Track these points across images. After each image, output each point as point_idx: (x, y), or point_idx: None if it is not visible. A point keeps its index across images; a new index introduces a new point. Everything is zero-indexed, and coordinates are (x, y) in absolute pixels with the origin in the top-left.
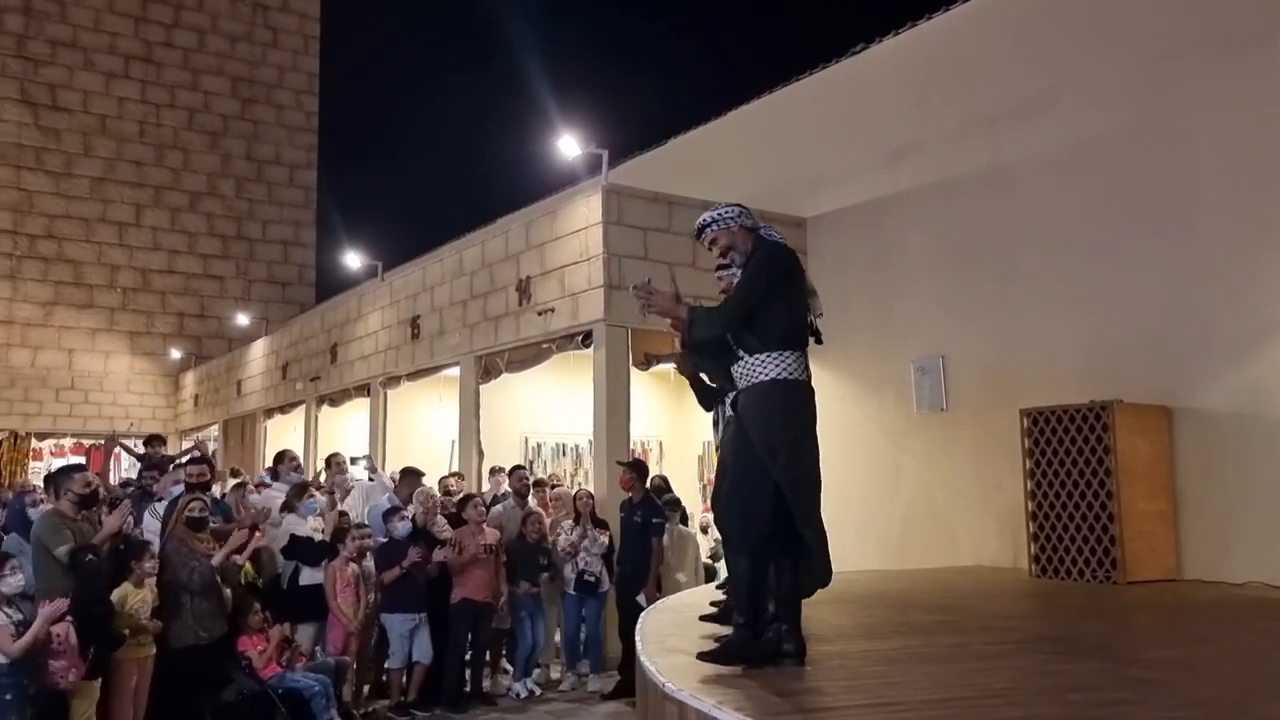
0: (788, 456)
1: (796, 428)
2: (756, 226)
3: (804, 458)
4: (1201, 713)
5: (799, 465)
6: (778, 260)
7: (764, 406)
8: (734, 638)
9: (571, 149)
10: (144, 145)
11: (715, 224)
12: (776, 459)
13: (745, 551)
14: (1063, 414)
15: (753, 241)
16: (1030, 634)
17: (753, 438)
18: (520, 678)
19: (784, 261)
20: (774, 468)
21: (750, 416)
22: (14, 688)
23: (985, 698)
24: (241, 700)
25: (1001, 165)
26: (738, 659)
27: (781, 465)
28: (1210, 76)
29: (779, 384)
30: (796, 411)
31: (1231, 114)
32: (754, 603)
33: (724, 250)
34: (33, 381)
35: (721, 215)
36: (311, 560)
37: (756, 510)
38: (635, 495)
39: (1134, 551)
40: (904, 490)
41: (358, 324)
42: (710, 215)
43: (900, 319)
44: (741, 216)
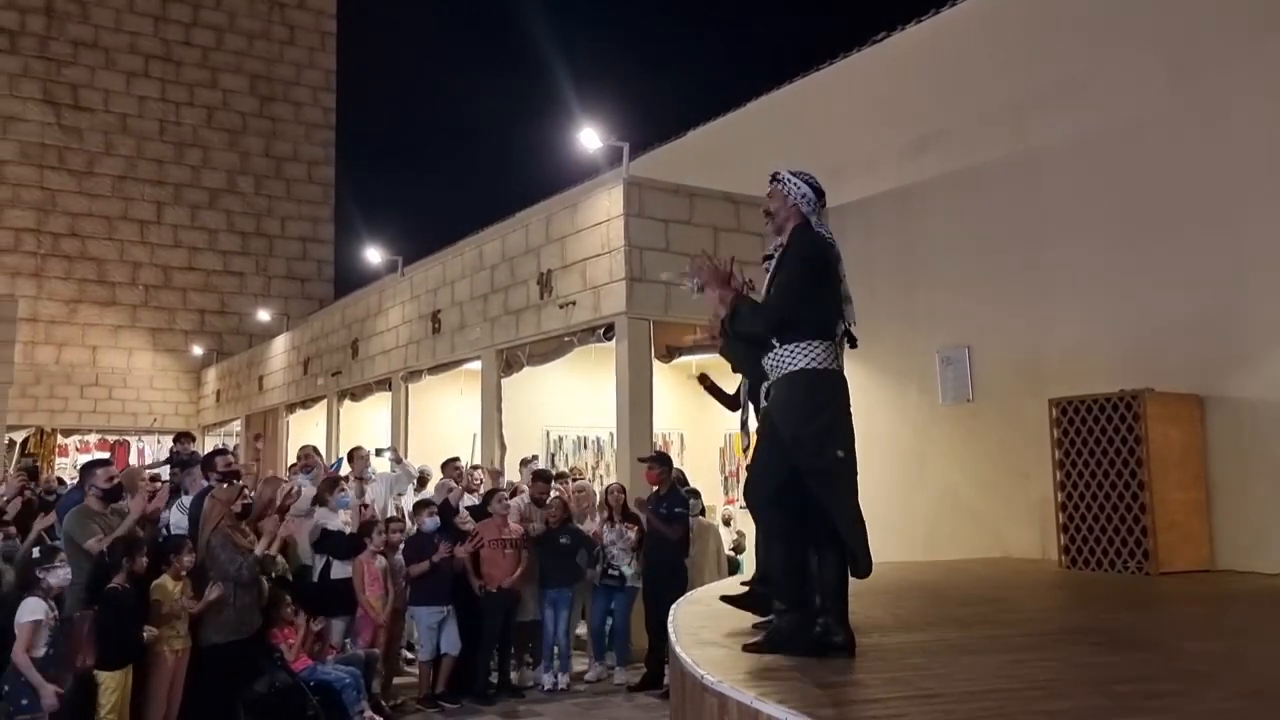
0: (815, 447)
1: (825, 419)
2: (808, 215)
3: (831, 448)
4: (1255, 705)
5: (825, 455)
6: (814, 258)
7: (791, 397)
8: (779, 624)
9: (592, 141)
10: (164, 143)
11: (779, 184)
12: (804, 450)
13: (778, 538)
14: (1092, 404)
15: (793, 230)
16: (1067, 625)
17: (779, 429)
18: (547, 670)
19: (820, 259)
20: (802, 459)
21: (777, 407)
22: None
23: (1029, 689)
24: (274, 692)
25: (1029, 152)
26: (783, 647)
27: (809, 456)
28: (1242, 59)
29: (806, 374)
30: (825, 402)
31: (1265, 97)
32: (793, 587)
33: (768, 211)
34: (58, 378)
35: (788, 184)
36: (342, 553)
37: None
38: (662, 488)
39: (1166, 542)
40: (930, 482)
41: (378, 319)
42: (785, 175)
43: (925, 309)
44: (804, 200)
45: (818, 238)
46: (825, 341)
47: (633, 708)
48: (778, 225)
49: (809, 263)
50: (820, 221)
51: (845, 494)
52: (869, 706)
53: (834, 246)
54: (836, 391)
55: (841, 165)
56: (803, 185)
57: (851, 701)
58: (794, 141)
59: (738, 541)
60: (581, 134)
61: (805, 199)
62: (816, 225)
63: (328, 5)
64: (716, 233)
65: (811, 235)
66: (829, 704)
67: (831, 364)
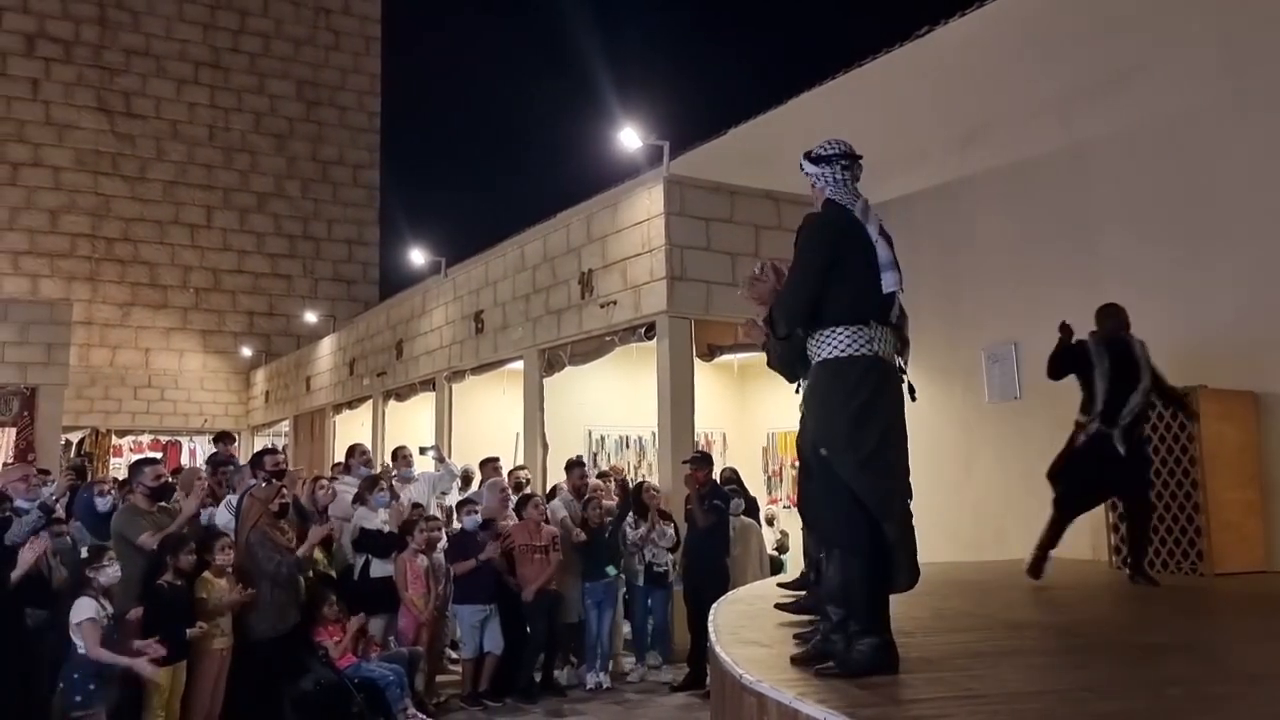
0: (845, 444)
1: (851, 411)
2: (824, 191)
3: (863, 445)
4: None
5: (858, 453)
6: (819, 233)
7: (815, 393)
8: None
9: (632, 141)
10: (213, 149)
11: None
12: (835, 447)
13: (845, 548)
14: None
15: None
16: (1117, 626)
17: (811, 428)
18: (590, 669)
19: (828, 228)
20: (834, 458)
21: (806, 405)
22: (97, 678)
23: (1077, 690)
24: (319, 690)
25: (1076, 146)
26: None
27: (839, 454)
28: None
29: (827, 365)
30: (850, 393)
31: None
32: (873, 608)
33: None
34: (112, 380)
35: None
36: (382, 552)
37: (843, 503)
38: (704, 488)
39: (1221, 543)
40: (976, 481)
41: (422, 319)
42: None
43: (970, 306)
44: (819, 178)
45: (823, 213)
46: (850, 326)
47: (675, 707)
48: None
49: (811, 240)
50: (843, 187)
51: (890, 494)
52: (911, 707)
53: (850, 212)
54: (863, 378)
55: (884, 162)
56: (808, 165)
57: (893, 702)
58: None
59: (781, 541)
60: (622, 133)
61: (815, 175)
62: (840, 195)
63: (372, 10)
64: (758, 231)
65: (816, 215)
66: (870, 704)
67: (860, 349)
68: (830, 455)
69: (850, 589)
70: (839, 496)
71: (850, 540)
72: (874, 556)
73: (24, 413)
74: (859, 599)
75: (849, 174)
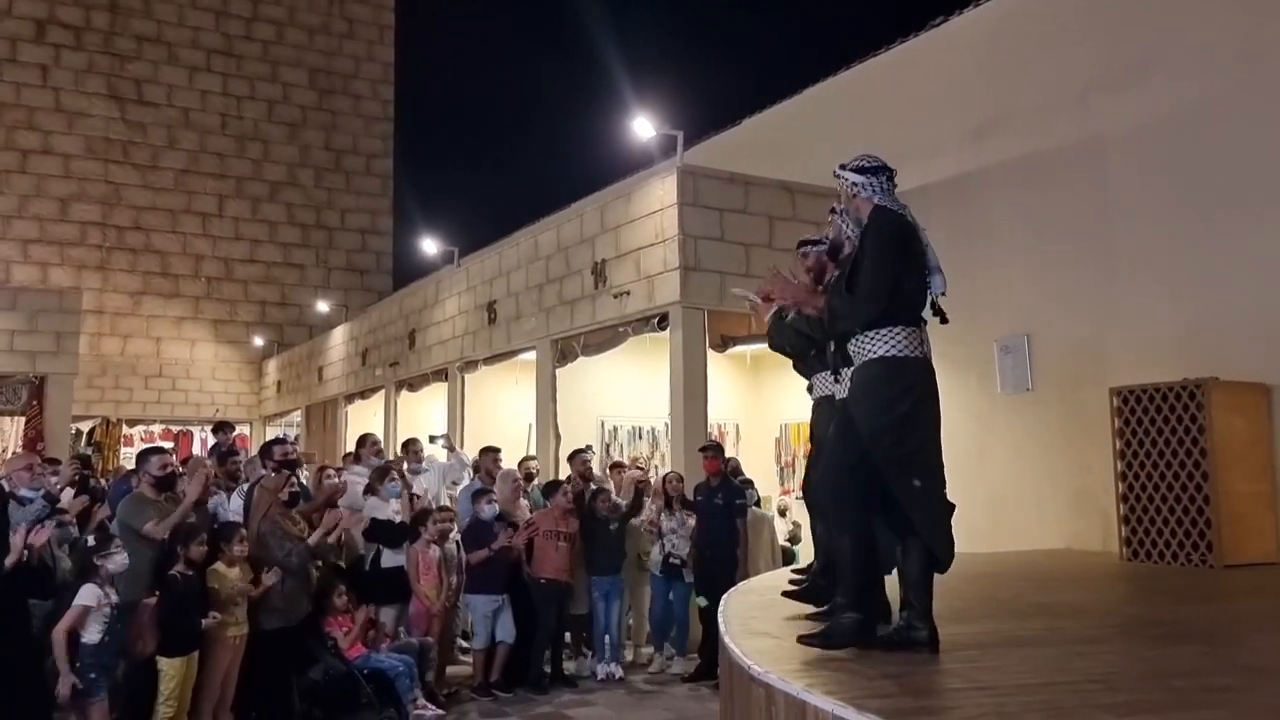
0: (892, 438)
1: (904, 408)
2: (871, 198)
3: (909, 438)
4: None
5: (904, 446)
6: (890, 230)
7: (869, 387)
8: (839, 622)
9: (646, 131)
10: (226, 137)
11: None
12: (880, 442)
13: (850, 531)
14: (1155, 393)
15: (870, 214)
16: (1127, 618)
17: (857, 420)
18: (601, 660)
19: (898, 231)
20: (877, 451)
21: (855, 397)
22: (98, 667)
23: (1085, 682)
24: (328, 680)
25: (1092, 138)
26: (839, 644)
27: (886, 447)
28: None
29: (885, 362)
30: (904, 391)
31: None
32: (858, 585)
33: (842, 209)
34: (123, 369)
35: (841, 180)
36: (393, 543)
37: (856, 490)
38: (714, 478)
39: (1231, 534)
40: (988, 473)
41: (435, 309)
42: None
43: (983, 298)
44: (862, 187)
45: (890, 214)
46: (908, 327)
47: (686, 698)
48: (855, 220)
49: (882, 236)
50: (891, 196)
51: (925, 485)
52: (920, 698)
53: (907, 219)
54: (917, 378)
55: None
56: (850, 174)
57: (901, 693)
58: (850, 129)
59: (793, 532)
60: (635, 123)
61: (859, 185)
62: (892, 203)
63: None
64: (772, 222)
65: (883, 213)
66: (878, 695)
67: (915, 351)
68: (875, 449)
69: (839, 567)
70: (842, 481)
71: (841, 522)
72: (865, 538)
73: (33, 402)
74: (846, 577)
75: (892, 184)
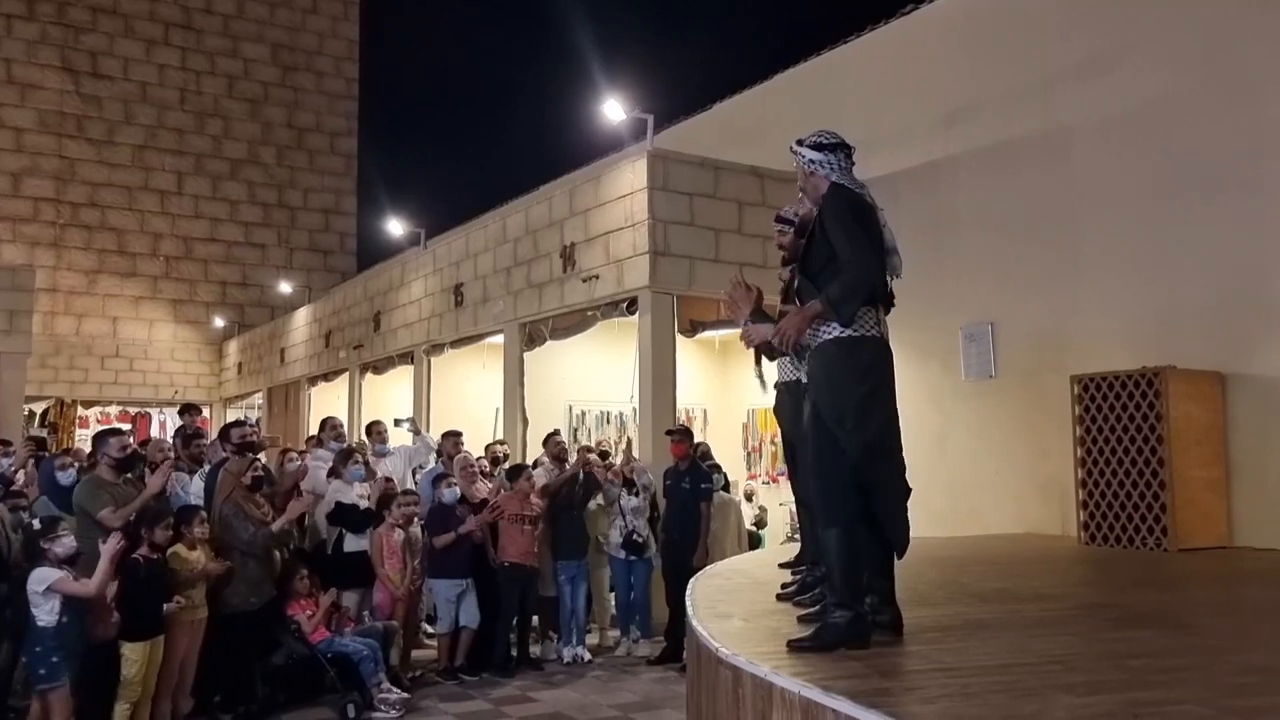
0: (854, 421)
1: (863, 389)
2: (830, 175)
3: (871, 421)
4: (1265, 679)
5: (867, 429)
6: (849, 205)
7: (826, 369)
8: (834, 621)
9: (616, 113)
10: (185, 113)
11: (795, 158)
12: (843, 425)
13: (838, 525)
14: (1114, 380)
15: (827, 189)
16: (1084, 601)
17: (818, 404)
18: (566, 643)
19: (856, 207)
20: (841, 434)
21: (814, 380)
22: (60, 650)
23: (1045, 663)
24: (291, 664)
25: (1058, 128)
26: (834, 644)
27: (849, 431)
28: (1275, 35)
29: (841, 343)
30: (863, 372)
31: None
32: (852, 584)
33: (801, 188)
34: (78, 349)
35: (799, 156)
36: (356, 527)
37: (841, 480)
38: (683, 462)
39: (1185, 519)
40: (951, 458)
41: (400, 291)
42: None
43: (950, 285)
44: (820, 165)
45: (848, 191)
46: (866, 305)
47: (652, 681)
48: (812, 198)
49: (841, 210)
50: (849, 175)
51: (888, 468)
52: (885, 679)
53: (865, 198)
54: (876, 358)
55: (869, 139)
56: (808, 151)
57: (867, 675)
58: (821, 115)
59: (759, 517)
60: (606, 106)
61: (816, 163)
62: (849, 181)
63: None
64: (741, 207)
65: (840, 190)
66: (844, 677)
67: (871, 329)
68: (838, 431)
69: (827, 561)
70: (829, 471)
71: (830, 514)
72: (851, 530)
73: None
74: (837, 573)
75: (850, 162)
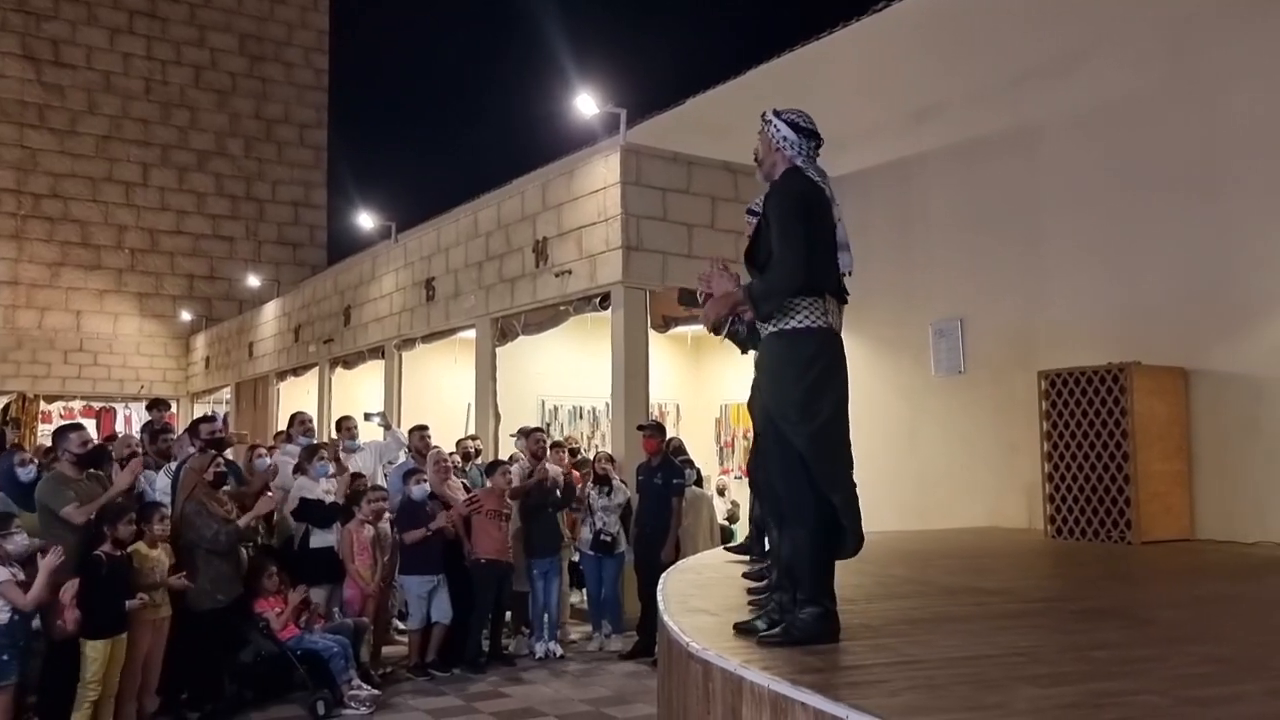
0: (799, 415)
1: (807, 382)
2: (794, 159)
3: (817, 415)
4: (1223, 669)
5: (813, 423)
6: (798, 203)
7: (771, 362)
8: (802, 617)
9: (589, 107)
10: (150, 103)
11: (765, 126)
12: (788, 419)
13: (807, 525)
14: (1080, 376)
15: (783, 171)
16: (1049, 593)
17: (765, 397)
18: (538, 638)
19: (800, 201)
20: (786, 429)
21: (761, 375)
22: (11, 648)
23: (1010, 655)
24: (260, 661)
25: (1026, 126)
26: (803, 640)
27: (794, 424)
28: (1239, 38)
29: (785, 336)
30: (807, 364)
31: (1260, 76)
32: (818, 578)
33: (756, 154)
34: (40, 343)
35: (771, 126)
36: (323, 523)
37: (804, 480)
38: (655, 458)
39: (1148, 513)
40: (921, 452)
41: (371, 286)
42: (770, 115)
43: (920, 281)
44: (787, 143)
45: (800, 179)
46: (810, 298)
47: (624, 676)
48: (765, 172)
49: (785, 205)
50: (811, 162)
51: (838, 465)
52: (851, 673)
53: (823, 190)
54: (821, 349)
55: (841, 136)
56: (783, 127)
57: (834, 668)
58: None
59: (731, 511)
60: (578, 100)
61: (787, 141)
62: (810, 169)
63: None
64: (714, 202)
65: (795, 175)
66: (812, 670)
67: (818, 320)
68: (784, 425)
69: (796, 559)
70: (791, 469)
71: (798, 512)
72: (819, 528)
73: None
74: (804, 569)
75: (817, 152)
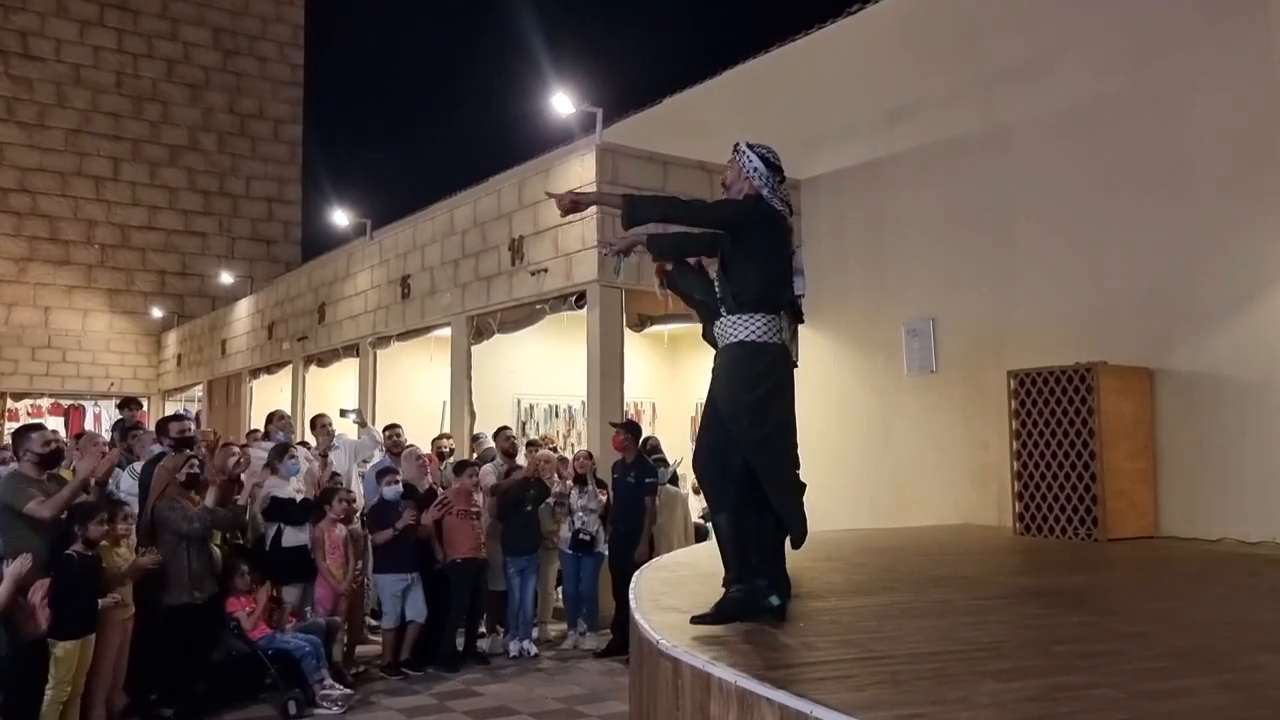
0: (750, 419)
1: (760, 390)
2: (760, 189)
3: (767, 420)
4: (1180, 662)
5: (761, 427)
6: (745, 207)
7: (729, 369)
8: (729, 595)
9: (565, 106)
10: (121, 96)
11: (736, 155)
12: (739, 421)
13: (726, 509)
14: (1049, 375)
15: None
16: (1016, 589)
17: (719, 400)
18: (514, 637)
19: (754, 212)
20: (737, 430)
21: (718, 378)
22: None
23: (973, 650)
24: (230, 661)
25: (997, 127)
26: (731, 617)
27: (744, 427)
28: (1205, 41)
29: (745, 347)
30: (762, 374)
31: (1224, 79)
32: (739, 558)
33: (725, 183)
34: (7, 340)
35: (743, 156)
36: (294, 521)
37: (732, 471)
38: (629, 456)
39: (1114, 510)
40: (893, 450)
41: (346, 283)
42: (743, 146)
43: (893, 281)
44: (756, 174)
45: (764, 204)
46: (767, 315)
47: (598, 673)
48: (732, 194)
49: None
50: (775, 194)
51: (780, 464)
52: (819, 669)
53: (785, 219)
54: (774, 364)
55: (815, 137)
56: (755, 159)
57: (802, 664)
58: (769, 112)
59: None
60: (555, 99)
61: (757, 172)
62: (775, 202)
63: None
64: None
65: (759, 202)
66: (780, 666)
67: (772, 337)
68: (735, 428)
69: (721, 541)
70: (714, 459)
71: (718, 498)
72: (735, 513)
73: None
74: (728, 550)
75: (780, 187)
